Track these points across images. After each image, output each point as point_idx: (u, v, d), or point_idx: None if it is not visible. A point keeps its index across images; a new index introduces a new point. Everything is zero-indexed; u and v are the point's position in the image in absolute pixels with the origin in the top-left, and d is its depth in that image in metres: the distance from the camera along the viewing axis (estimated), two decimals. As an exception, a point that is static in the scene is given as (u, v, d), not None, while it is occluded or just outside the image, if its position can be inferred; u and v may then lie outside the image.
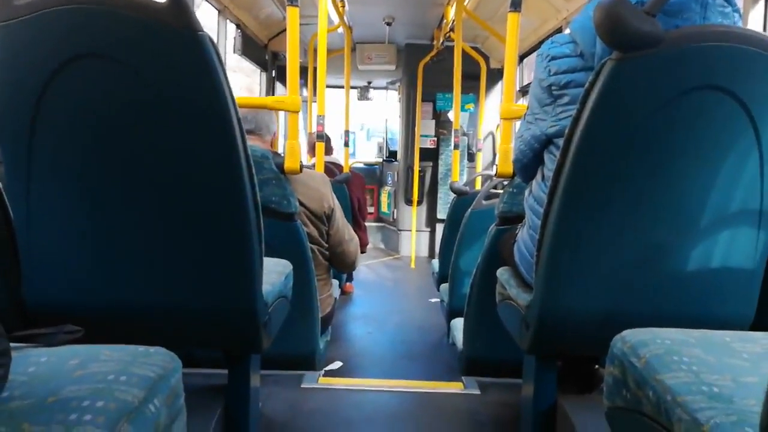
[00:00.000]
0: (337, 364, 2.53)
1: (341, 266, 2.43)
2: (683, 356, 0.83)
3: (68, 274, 1.15)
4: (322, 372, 2.15)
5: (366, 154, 8.03)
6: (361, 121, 9.41)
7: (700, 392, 0.74)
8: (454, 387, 2.03)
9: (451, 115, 5.77)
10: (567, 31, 1.29)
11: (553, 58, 1.28)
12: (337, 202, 2.22)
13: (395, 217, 6.36)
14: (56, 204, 1.11)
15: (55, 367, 0.76)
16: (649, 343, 0.87)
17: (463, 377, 2.08)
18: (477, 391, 1.95)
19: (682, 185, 1.11)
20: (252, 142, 1.89)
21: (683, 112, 1.05)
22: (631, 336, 0.90)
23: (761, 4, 1.87)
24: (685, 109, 1.04)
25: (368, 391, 2.02)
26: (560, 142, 1.14)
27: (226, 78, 1.04)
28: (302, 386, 1.93)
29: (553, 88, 1.28)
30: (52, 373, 0.74)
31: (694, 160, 1.09)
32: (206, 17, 3.76)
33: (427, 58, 5.44)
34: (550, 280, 1.19)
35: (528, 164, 1.42)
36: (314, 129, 3.16)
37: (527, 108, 1.42)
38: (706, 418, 0.69)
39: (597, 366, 1.60)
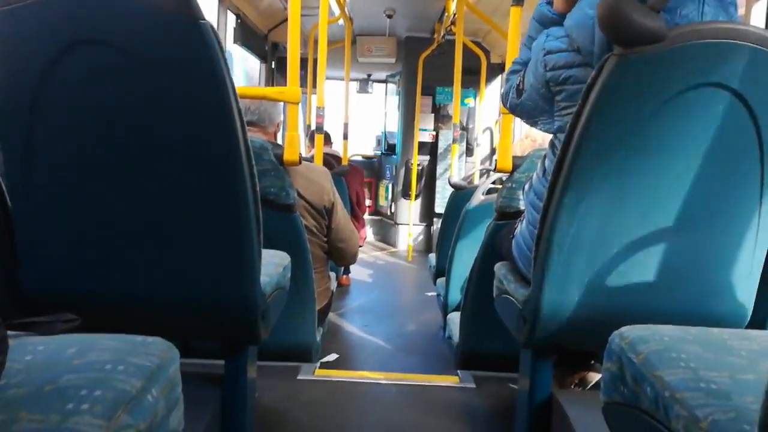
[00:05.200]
0: (333, 356, 2.54)
1: (341, 261, 2.42)
2: (681, 353, 0.83)
3: (66, 263, 1.14)
4: (318, 364, 2.15)
5: (363, 146, 7.97)
6: (359, 110, 9.34)
7: (699, 389, 0.74)
8: (450, 380, 2.03)
9: (450, 109, 5.76)
10: None
11: (549, 52, 1.26)
12: (338, 196, 2.21)
13: (393, 210, 6.35)
14: (54, 192, 1.10)
15: (52, 355, 0.76)
16: (648, 340, 0.87)
17: (458, 371, 2.09)
18: (472, 385, 1.96)
19: (681, 182, 1.10)
20: (254, 134, 1.88)
21: (684, 109, 1.04)
22: (629, 332, 0.90)
23: (763, 1, 1.87)
24: (686, 106, 1.04)
25: (364, 383, 2.02)
26: (562, 137, 1.14)
27: (228, 67, 1.03)
28: (299, 377, 1.94)
29: (550, 84, 1.27)
30: (49, 362, 0.74)
31: (694, 156, 1.09)
32: (206, 6, 3.73)
33: (428, 52, 5.41)
34: (548, 275, 1.19)
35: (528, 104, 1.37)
36: (313, 121, 3.15)
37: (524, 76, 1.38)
38: (704, 415, 0.70)
39: (593, 361, 1.61)
